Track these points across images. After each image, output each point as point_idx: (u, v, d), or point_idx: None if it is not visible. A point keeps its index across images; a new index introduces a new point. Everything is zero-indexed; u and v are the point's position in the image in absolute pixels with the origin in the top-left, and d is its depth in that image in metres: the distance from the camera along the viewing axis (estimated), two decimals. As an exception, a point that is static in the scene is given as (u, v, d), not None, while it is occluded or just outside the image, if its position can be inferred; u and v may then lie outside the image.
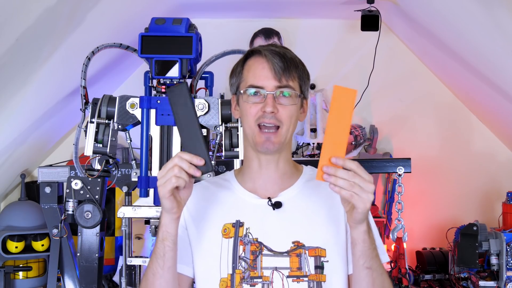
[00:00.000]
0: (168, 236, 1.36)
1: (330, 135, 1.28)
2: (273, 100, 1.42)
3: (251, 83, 1.45)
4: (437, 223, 3.41)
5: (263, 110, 1.42)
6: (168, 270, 1.38)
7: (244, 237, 1.43)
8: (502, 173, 3.51)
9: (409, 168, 2.78)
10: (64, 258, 2.36)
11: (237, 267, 1.41)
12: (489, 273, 2.86)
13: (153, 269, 1.39)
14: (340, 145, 1.28)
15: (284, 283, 1.40)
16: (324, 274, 1.41)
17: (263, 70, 1.44)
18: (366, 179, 1.26)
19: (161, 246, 1.37)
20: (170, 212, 1.33)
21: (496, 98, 2.96)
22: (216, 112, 2.05)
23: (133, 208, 2.06)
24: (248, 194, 1.50)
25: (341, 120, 1.28)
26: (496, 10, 2.22)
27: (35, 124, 2.86)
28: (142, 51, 1.98)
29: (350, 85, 1.28)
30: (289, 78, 1.44)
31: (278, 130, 1.44)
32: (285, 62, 1.44)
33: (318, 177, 1.27)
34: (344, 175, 1.25)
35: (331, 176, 1.25)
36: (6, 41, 2.04)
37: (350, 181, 1.25)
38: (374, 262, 1.36)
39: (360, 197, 1.26)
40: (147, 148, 2.02)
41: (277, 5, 3.35)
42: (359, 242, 1.34)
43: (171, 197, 1.31)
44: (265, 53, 1.45)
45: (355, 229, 1.33)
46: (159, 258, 1.37)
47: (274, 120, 1.42)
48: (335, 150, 1.28)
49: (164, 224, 1.36)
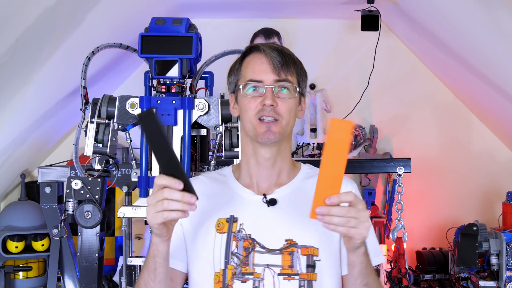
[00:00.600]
0: (158, 254, 1.36)
1: (326, 170, 1.22)
2: (272, 94, 1.43)
3: (250, 78, 1.46)
4: (437, 223, 3.41)
5: (262, 104, 1.43)
6: (159, 283, 1.39)
7: (238, 233, 1.44)
8: (502, 173, 3.51)
9: (409, 168, 2.77)
10: (64, 258, 2.36)
11: (229, 263, 1.42)
12: (489, 273, 2.86)
13: (145, 280, 1.40)
14: (336, 180, 1.22)
15: (275, 280, 1.40)
16: (315, 273, 1.41)
17: (262, 65, 1.45)
18: (360, 209, 1.24)
19: (152, 262, 1.37)
20: (160, 236, 1.33)
21: (496, 98, 2.96)
22: (216, 112, 2.05)
23: (133, 208, 2.06)
24: (243, 189, 1.50)
25: (337, 154, 1.21)
26: (496, 10, 2.22)
27: (35, 124, 2.86)
28: (142, 51, 1.98)
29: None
30: (287, 72, 1.45)
31: (278, 122, 1.44)
32: (284, 57, 1.45)
33: (312, 215, 1.23)
34: (339, 212, 1.22)
35: (325, 216, 1.22)
36: (6, 41, 2.04)
37: (346, 217, 1.22)
38: (370, 278, 1.37)
39: (357, 229, 1.23)
40: (147, 148, 2.02)
41: (277, 5, 3.35)
42: (357, 264, 1.34)
43: (161, 226, 1.30)
44: (263, 48, 1.46)
45: (353, 253, 1.32)
46: (151, 272, 1.38)
47: (273, 113, 1.43)
48: (330, 187, 1.22)
49: (154, 243, 1.36)
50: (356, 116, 3.52)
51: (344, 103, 3.50)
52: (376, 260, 1.50)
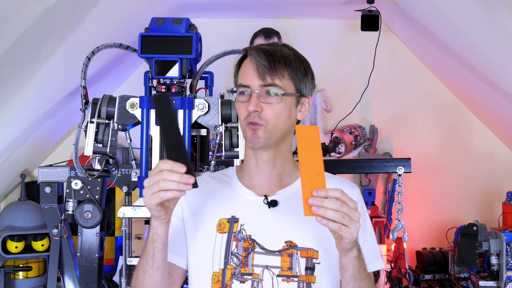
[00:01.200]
0: (157, 238, 1.36)
1: (306, 171, 1.24)
2: (256, 99, 1.42)
3: (239, 82, 1.47)
4: (437, 223, 3.41)
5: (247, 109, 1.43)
6: (157, 269, 1.38)
7: (238, 233, 1.44)
8: (502, 173, 3.51)
9: (409, 168, 2.77)
10: (64, 258, 2.36)
11: (229, 263, 1.43)
12: (489, 273, 2.86)
13: (143, 267, 1.39)
14: (318, 177, 1.24)
15: (274, 282, 1.41)
16: (314, 276, 1.41)
17: (249, 70, 1.45)
18: (352, 207, 1.23)
19: (151, 247, 1.37)
20: (159, 218, 1.33)
21: (496, 98, 2.96)
22: (216, 112, 2.05)
23: (133, 208, 2.06)
24: (245, 190, 1.51)
25: (311, 155, 1.24)
26: (496, 10, 2.22)
27: (35, 124, 2.86)
28: (142, 51, 1.98)
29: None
30: (275, 76, 1.43)
31: (262, 126, 1.43)
32: (271, 61, 1.42)
33: (306, 213, 1.22)
34: (332, 205, 1.21)
35: (320, 208, 1.21)
36: (6, 41, 2.04)
37: (340, 212, 1.21)
38: (364, 283, 1.36)
39: (348, 229, 1.23)
40: (147, 148, 2.02)
41: (277, 5, 3.35)
42: (349, 268, 1.33)
43: (158, 207, 1.29)
44: (252, 52, 1.45)
45: (345, 256, 1.32)
46: (149, 258, 1.38)
47: (258, 119, 1.42)
48: (315, 183, 1.23)
49: (154, 227, 1.35)
50: (356, 116, 3.52)
51: (344, 103, 3.50)
52: (375, 266, 1.50)
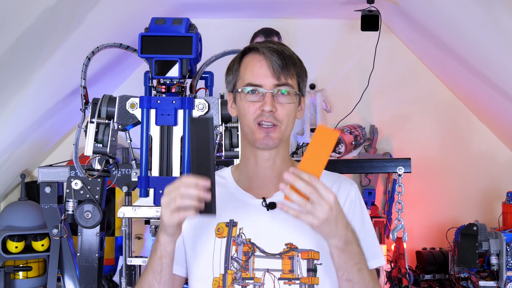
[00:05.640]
0: (166, 255, 1.35)
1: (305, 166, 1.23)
2: (271, 99, 1.41)
3: (249, 81, 1.43)
4: (437, 223, 3.41)
5: (261, 109, 1.41)
6: (164, 283, 1.38)
7: (237, 237, 1.42)
8: (502, 173, 3.51)
9: (409, 168, 2.78)
10: (64, 258, 2.36)
11: (229, 268, 1.41)
12: (489, 273, 2.86)
13: (149, 282, 1.38)
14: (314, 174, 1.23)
15: (275, 285, 1.39)
16: (317, 277, 1.40)
17: (261, 68, 1.42)
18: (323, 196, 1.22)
19: (159, 263, 1.36)
20: (172, 236, 1.33)
21: (496, 98, 2.96)
22: (216, 112, 2.05)
23: (133, 208, 2.06)
24: (243, 193, 1.49)
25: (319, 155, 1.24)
26: (496, 10, 2.22)
27: (35, 124, 2.86)
28: (142, 51, 1.98)
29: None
30: (287, 76, 1.42)
31: (277, 127, 1.42)
32: (284, 60, 1.41)
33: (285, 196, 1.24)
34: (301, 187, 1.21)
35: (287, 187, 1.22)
36: (6, 41, 2.04)
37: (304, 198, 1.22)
38: (355, 276, 1.32)
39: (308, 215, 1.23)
40: (147, 148, 2.02)
41: (277, 5, 3.35)
42: (334, 256, 1.31)
43: (176, 226, 1.29)
44: (263, 50, 1.42)
45: (327, 242, 1.31)
46: (156, 273, 1.37)
47: (272, 119, 1.41)
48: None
49: (163, 243, 1.34)
50: (356, 116, 3.52)
51: (344, 103, 3.50)
52: (375, 263, 1.47)
